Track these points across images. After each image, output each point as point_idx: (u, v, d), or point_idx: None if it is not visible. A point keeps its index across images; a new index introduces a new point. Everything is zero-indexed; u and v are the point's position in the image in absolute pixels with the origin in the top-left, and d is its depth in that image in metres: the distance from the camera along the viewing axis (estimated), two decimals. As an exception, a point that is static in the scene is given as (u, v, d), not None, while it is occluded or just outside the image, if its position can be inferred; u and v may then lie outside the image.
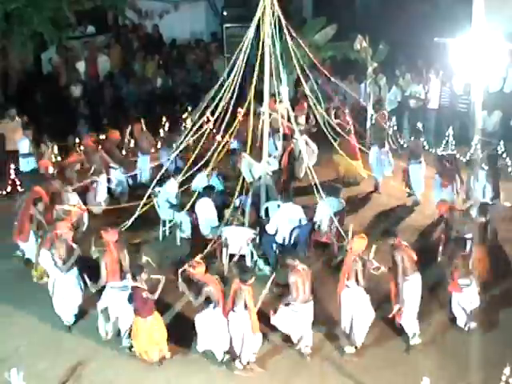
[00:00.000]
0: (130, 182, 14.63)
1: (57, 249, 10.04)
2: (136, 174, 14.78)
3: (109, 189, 14.06)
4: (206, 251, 11.31)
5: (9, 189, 14.47)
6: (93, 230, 11.50)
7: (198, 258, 10.14)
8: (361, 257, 9.43)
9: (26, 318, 10.55)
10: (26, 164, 14.72)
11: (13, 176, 14.52)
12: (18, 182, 14.44)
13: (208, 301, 9.24)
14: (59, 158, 15.02)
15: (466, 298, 9.81)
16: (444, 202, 11.45)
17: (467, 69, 15.94)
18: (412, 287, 9.51)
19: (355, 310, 9.48)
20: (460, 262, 9.79)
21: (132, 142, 16.13)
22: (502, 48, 16.44)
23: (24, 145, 14.84)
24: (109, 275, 9.68)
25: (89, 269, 10.14)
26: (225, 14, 23.69)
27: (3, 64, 19.21)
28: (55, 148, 15.26)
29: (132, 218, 12.13)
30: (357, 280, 9.38)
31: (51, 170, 13.19)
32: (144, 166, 14.89)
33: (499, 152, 14.72)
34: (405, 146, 16.03)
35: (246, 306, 8.94)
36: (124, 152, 15.81)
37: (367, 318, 9.53)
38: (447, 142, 15.96)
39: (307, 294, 9.28)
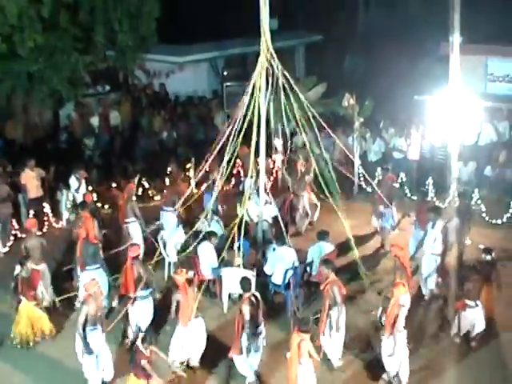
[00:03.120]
0: None
1: (88, 307, 9.47)
2: None
3: None
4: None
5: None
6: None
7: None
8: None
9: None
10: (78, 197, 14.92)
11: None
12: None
13: None
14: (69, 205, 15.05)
15: (469, 317, 10.31)
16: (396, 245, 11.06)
17: (444, 123, 16.17)
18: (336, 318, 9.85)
19: (404, 352, 9.53)
20: (471, 285, 10.22)
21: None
22: (476, 106, 16.76)
23: (74, 182, 15.08)
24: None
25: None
26: (225, 73, 24.11)
27: (24, 119, 19.41)
28: (70, 195, 15.32)
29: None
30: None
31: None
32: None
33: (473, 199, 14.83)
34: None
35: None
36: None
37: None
38: (427, 189, 16.07)
39: None
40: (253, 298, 9.67)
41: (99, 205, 15.57)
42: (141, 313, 10.60)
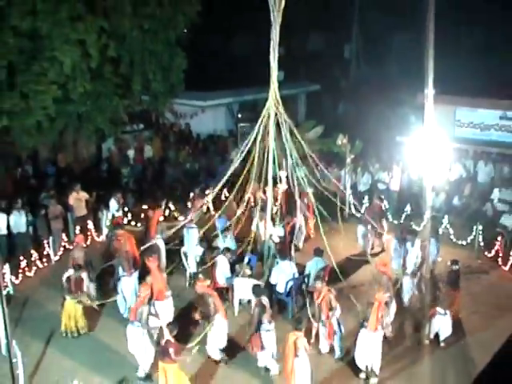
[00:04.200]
0: None
1: (148, 306, 9.85)
2: None
3: None
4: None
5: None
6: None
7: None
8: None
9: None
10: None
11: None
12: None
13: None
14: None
15: (437, 323, 10.46)
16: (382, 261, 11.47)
17: (420, 161, 16.27)
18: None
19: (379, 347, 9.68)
20: (446, 297, 10.52)
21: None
22: (446, 147, 16.89)
23: (113, 204, 15.35)
24: (154, 292, 10.32)
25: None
26: (239, 116, 24.37)
27: (74, 151, 19.72)
28: (109, 215, 15.52)
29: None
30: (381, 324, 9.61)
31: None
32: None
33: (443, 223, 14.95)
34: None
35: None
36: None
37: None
38: (406, 215, 16.18)
39: None
40: (263, 302, 9.85)
41: (133, 223, 15.82)
42: (165, 310, 10.82)
